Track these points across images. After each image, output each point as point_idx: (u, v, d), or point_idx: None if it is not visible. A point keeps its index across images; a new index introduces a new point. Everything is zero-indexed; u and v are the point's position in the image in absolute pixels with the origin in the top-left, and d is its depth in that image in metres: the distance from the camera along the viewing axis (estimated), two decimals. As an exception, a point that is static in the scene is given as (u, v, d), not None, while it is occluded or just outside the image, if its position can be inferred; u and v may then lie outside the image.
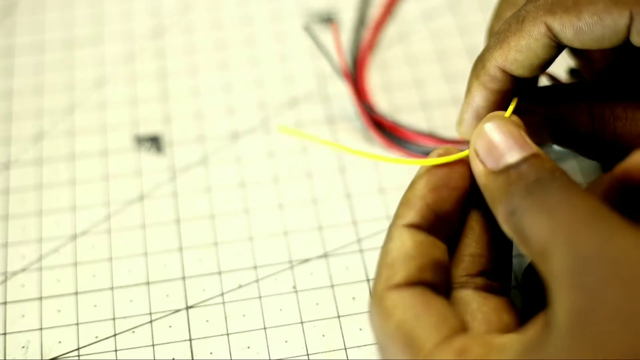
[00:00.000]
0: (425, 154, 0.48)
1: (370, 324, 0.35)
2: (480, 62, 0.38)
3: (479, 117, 0.38)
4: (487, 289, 0.36)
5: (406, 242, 0.35)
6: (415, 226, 0.35)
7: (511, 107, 0.38)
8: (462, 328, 0.33)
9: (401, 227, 0.36)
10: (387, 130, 0.49)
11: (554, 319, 0.30)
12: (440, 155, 0.37)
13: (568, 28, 0.35)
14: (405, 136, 0.49)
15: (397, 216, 0.36)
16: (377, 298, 0.34)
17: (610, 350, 0.28)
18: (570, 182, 0.32)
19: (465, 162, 0.37)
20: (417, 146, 0.49)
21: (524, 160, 0.34)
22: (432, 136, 0.49)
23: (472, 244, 0.37)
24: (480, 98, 0.38)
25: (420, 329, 0.33)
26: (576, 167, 0.47)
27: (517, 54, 0.36)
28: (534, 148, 0.34)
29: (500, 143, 0.35)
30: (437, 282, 0.35)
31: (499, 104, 0.38)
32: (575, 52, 0.43)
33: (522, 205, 0.32)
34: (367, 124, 0.41)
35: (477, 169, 0.35)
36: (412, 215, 0.36)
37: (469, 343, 0.32)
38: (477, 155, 0.35)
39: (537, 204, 0.32)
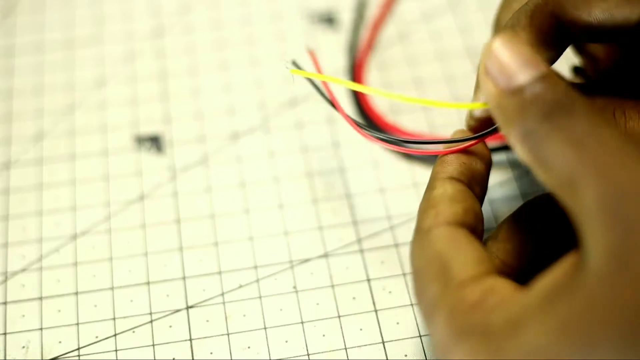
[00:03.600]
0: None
1: (410, 257, 0.35)
2: None
3: (489, 111, 0.38)
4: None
5: (448, 189, 0.36)
6: (455, 179, 0.36)
7: None
8: (495, 272, 0.33)
9: (442, 178, 0.36)
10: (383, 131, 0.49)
11: (587, 259, 0.28)
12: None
13: (578, 23, 0.35)
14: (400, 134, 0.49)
15: (435, 172, 0.37)
16: (423, 232, 0.34)
17: None
18: (592, 110, 0.31)
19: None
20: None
21: (538, 80, 0.31)
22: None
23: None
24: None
25: (457, 261, 0.33)
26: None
27: None
28: (546, 67, 0.32)
29: (511, 61, 0.32)
30: (478, 230, 0.35)
31: None
32: (580, 50, 0.43)
33: (542, 130, 0.30)
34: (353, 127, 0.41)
35: (489, 89, 0.33)
36: (451, 169, 0.36)
37: (498, 284, 0.32)
38: (488, 73, 0.33)
39: (560, 131, 0.30)
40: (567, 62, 0.46)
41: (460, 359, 0.30)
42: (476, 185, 0.37)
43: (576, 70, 0.44)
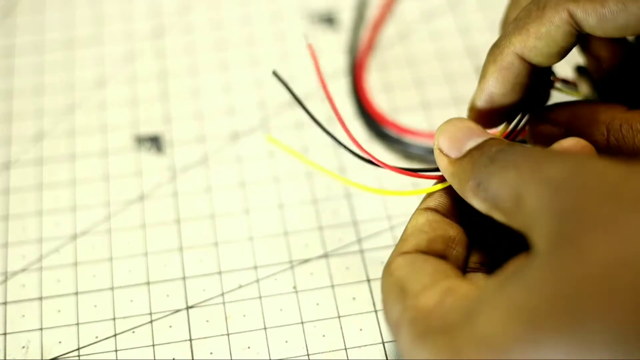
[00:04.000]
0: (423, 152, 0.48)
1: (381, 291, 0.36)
2: (497, 48, 0.38)
3: (493, 104, 0.39)
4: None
5: (420, 219, 0.37)
6: (431, 209, 0.37)
7: (515, 121, 0.39)
8: (455, 276, 0.34)
9: (419, 210, 0.38)
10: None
11: (534, 249, 0.30)
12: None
13: (591, 15, 0.35)
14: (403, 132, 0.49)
15: (420, 204, 0.39)
16: (386, 264, 0.36)
17: (595, 259, 0.27)
18: (526, 146, 0.34)
19: None
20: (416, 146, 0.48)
21: (484, 142, 0.35)
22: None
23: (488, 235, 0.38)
24: (495, 84, 0.38)
25: (412, 279, 0.34)
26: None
27: (537, 41, 0.36)
28: (489, 134, 0.36)
29: (461, 135, 0.36)
30: (450, 255, 0.36)
31: (513, 93, 0.38)
32: (584, 48, 0.43)
33: (487, 173, 0.33)
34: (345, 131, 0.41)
35: (443, 163, 0.36)
36: (430, 201, 0.38)
37: (456, 284, 0.33)
38: (442, 151, 0.36)
39: (500, 165, 0.33)
40: (568, 63, 0.46)
41: (423, 359, 0.31)
42: (460, 211, 0.38)
43: (579, 70, 0.44)
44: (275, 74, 0.41)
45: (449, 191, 0.38)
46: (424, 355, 0.30)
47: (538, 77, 0.39)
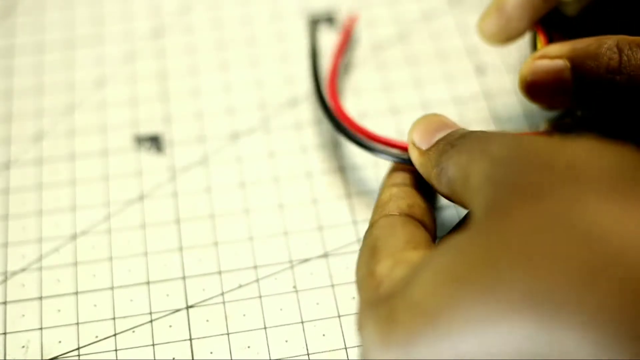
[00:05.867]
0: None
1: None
2: None
3: (502, 11, 0.43)
4: None
5: (393, 190, 0.39)
6: (400, 183, 0.40)
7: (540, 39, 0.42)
8: (426, 247, 0.35)
9: (388, 185, 0.40)
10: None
11: (471, 216, 0.31)
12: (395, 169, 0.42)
13: None
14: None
15: (384, 182, 0.41)
16: (370, 223, 0.38)
17: (523, 224, 0.28)
18: (488, 130, 0.36)
19: None
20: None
21: (451, 132, 0.37)
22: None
23: None
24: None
25: (386, 242, 0.35)
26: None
27: None
28: (457, 127, 0.38)
29: (432, 128, 0.38)
30: (426, 222, 0.37)
31: (529, 13, 0.42)
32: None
33: (447, 157, 0.35)
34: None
35: (414, 155, 0.39)
36: (396, 177, 0.40)
37: (415, 255, 0.33)
38: (414, 144, 0.39)
39: (457, 149, 0.35)
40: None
41: (367, 330, 0.31)
42: (425, 187, 0.40)
43: (561, 120, 0.44)
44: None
45: (415, 175, 0.40)
46: (369, 324, 0.31)
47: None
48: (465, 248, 0.29)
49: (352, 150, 0.49)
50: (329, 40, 0.54)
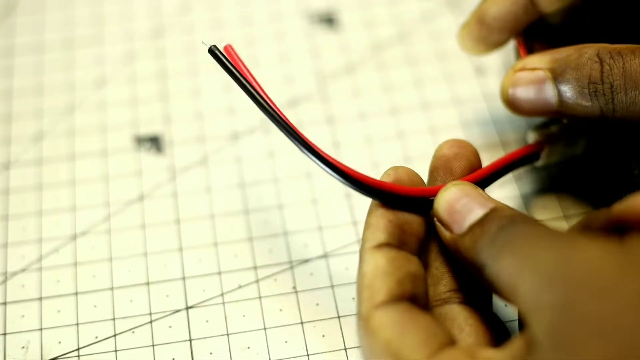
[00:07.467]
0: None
1: (359, 346, 0.35)
2: None
3: (482, 23, 0.43)
4: (471, 302, 0.36)
5: (379, 260, 0.35)
6: (384, 245, 0.35)
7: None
8: (450, 342, 0.33)
9: (371, 249, 0.35)
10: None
11: (534, 338, 0.30)
12: (390, 175, 0.38)
13: None
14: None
15: (364, 240, 0.36)
16: (363, 319, 0.34)
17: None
18: (528, 219, 0.33)
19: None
20: None
21: (485, 216, 0.34)
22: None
23: (451, 260, 0.37)
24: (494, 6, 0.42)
25: (407, 346, 0.33)
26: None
27: None
28: (493, 202, 0.35)
29: (460, 207, 0.35)
30: (418, 294, 0.35)
31: (510, 25, 0.42)
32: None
33: (489, 256, 0.33)
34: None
35: (446, 236, 0.36)
36: (378, 235, 0.36)
37: (455, 355, 0.32)
38: (442, 223, 0.36)
39: (501, 249, 0.33)
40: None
41: None
42: (411, 236, 0.36)
43: (542, 127, 0.44)
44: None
45: (395, 216, 0.36)
46: None
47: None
48: None
49: (352, 150, 0.49)
50: (328, 41, 0.54)
